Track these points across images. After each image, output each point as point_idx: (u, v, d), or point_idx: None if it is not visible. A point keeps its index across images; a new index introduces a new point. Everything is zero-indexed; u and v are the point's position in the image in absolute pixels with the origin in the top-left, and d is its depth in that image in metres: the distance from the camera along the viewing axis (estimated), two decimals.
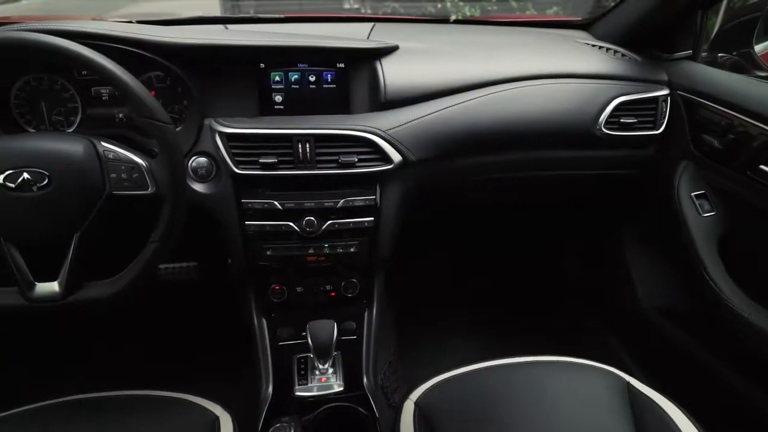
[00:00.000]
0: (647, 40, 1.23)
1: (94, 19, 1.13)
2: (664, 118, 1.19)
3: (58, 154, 0.77)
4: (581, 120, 1.13)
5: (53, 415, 0.86)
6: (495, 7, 3.13)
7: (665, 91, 1.18)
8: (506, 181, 1.28)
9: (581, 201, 1.54)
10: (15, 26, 0.94)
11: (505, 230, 1.81)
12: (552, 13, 2.70)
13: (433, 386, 0.92)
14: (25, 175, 0.74)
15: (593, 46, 1.24)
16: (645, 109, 1.17)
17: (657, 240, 1.37)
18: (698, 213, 1.15)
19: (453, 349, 1.59)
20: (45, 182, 0.75)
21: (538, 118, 1.11)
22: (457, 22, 1.43)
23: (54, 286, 0.79)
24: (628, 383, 0.90)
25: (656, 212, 1.32)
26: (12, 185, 0.74)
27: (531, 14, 2.68)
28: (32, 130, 1.02)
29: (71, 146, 0.78)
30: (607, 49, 1.23)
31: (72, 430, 0.83)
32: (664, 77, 1.20)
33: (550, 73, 1.14)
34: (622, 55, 1.22)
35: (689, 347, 1.27)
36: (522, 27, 1.42)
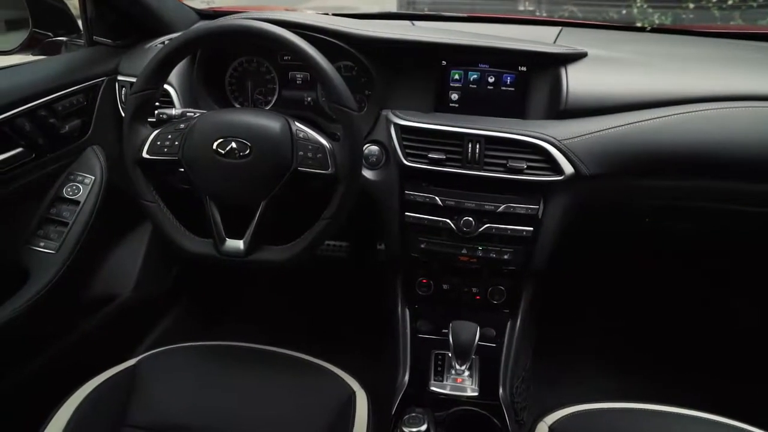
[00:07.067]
0: None
1: (287, 10, 1.24)
2: None
3: (260, 129, 0.86)
4: None
5: (213, 355, 0.97)
6: (691, 16, 2.79)
7: None
8: (683, 210, 1.15)
9: None
10: (237, 15, 1.07)
11: (669, 263, 1.62)
12: (765, 24, 2.34)
13: (571, 414, 0.86)
14: (233, 144, 0.85)
15: None
16: None
17: None
18: None
19: (590, 381, 1.48)
20: (247, 152, 0.85)
21: (742, 145, 0.97)
22: (654, 30, 1.31)
23: (240, 245, 0.89)
24: None
25: None
26: (222, 151, 0.85)
27: (738, 24, 2.34)
28: (237, 106, 1.16)
29: (271, 123, 0.87)
30: None
31: (227, 372, 0.93)
32: None
33: (765, 94, 0.99)
34: None
35: None
36: (730, 39, 1.26)
